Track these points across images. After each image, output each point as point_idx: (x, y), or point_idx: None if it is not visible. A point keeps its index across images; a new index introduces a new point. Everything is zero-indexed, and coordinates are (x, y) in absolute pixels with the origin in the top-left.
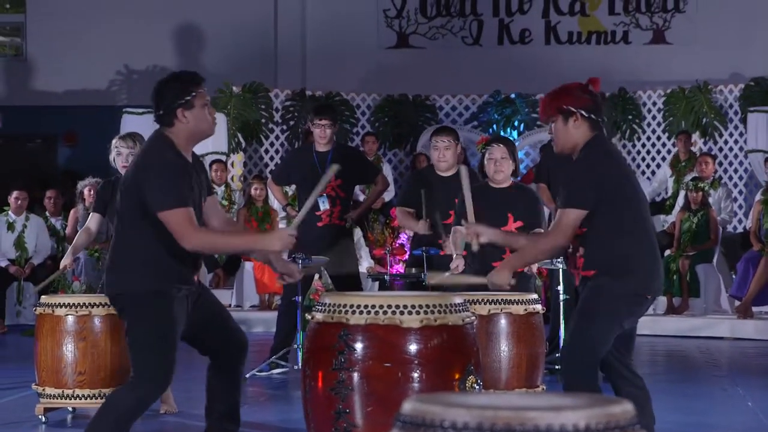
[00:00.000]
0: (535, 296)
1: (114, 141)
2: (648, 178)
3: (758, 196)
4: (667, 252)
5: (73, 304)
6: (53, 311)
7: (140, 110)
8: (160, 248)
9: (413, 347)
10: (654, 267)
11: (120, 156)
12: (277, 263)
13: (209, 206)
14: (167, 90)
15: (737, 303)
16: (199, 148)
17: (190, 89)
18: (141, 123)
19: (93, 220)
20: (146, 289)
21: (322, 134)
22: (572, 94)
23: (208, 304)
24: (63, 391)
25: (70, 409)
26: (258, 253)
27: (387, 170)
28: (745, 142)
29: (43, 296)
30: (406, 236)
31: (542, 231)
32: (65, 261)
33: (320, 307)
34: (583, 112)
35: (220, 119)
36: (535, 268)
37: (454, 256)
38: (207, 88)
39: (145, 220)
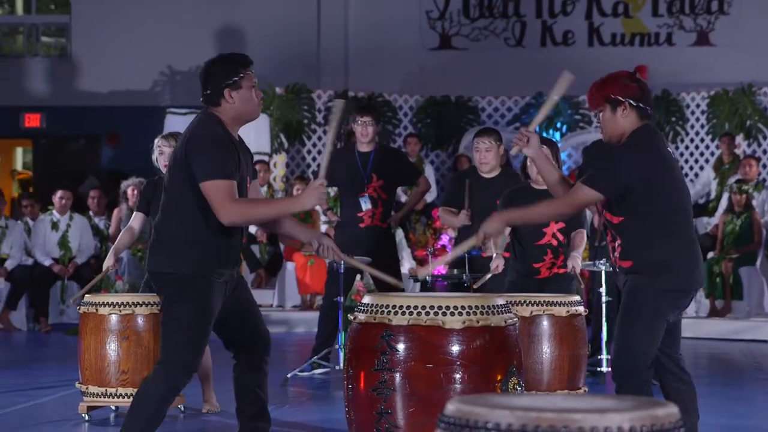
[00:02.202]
0: (577, 298)
1: (156, 140)
2: (691, 180)
3: None
4: (710, 254)
5: (117, 303)
6: (97, 310)
7: (183, 110)
8: (205, 230)
9: (455, 348)
10: (694, 262)
11: (162, 155)
12: (319, 240)
13: (252, 191)
14: (216, 70)
15: None
16: None
17: (238, 70)
18: (184, 123)
19: (136, 220)
20: (188, 272)
21: (364, 132)
22: (619, 83)
23: (242, 297)
24: (106, 390)
25: (113, 407)
26: (301, 232)
27: (429, 171)
28: None
29: (86, 295)
30: (447, 237)
31: (584, 232)
32: (108, 262)
33: (362, 308)
34: (631, 101)
35: (263, 120)
36: (578, 269)
37: (494, 255)
38: None
39: (192, 198)
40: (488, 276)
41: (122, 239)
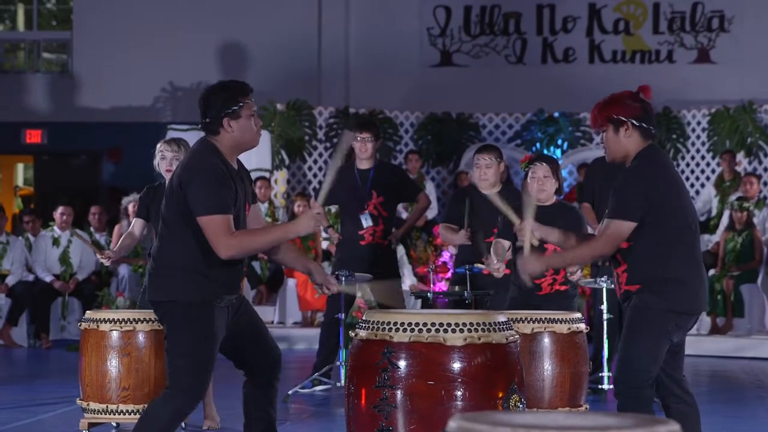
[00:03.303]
0: (578, 315)
1: (159, 145)
2: (692, 197)
3: None
4: (711, 272)
5: (118, 319)
6: (98, 326)
7: (185, 127)
8: (204, 257)
9: (457, 365)
10: (699, 282)
11: (164, 160)
12: (316, 274)
13: (252, 216)
14: (215, 98)
15: None
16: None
17: (237, 99)
18: (186, 139)
19: (136, 225)
20: (189, 299)
21: (363, 148)
22: (622, 103)
23: (247, 317)
24: (107, 406)
25: (114, 424)
26: (298, 262)
27: (430, 188)
28: None
29: (87, 311)
30: (448, 254)
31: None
32: (108, 252)
33: (364, 325)
34: (633, 121)
35: (264, 136)
36: (576, 276)
37: (495, 261)
38: None
39: (189, 226)
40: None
41: (123, 242)
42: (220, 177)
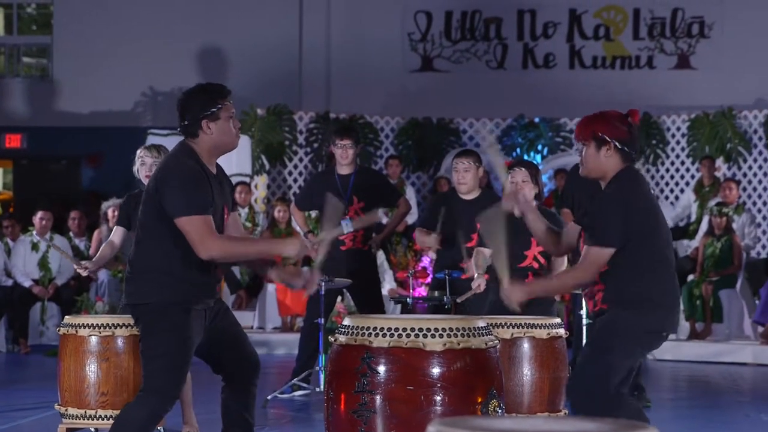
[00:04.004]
0: (558, 320)
1: (139, 151)
2: (671, 203)
3: None
4: (690, 277)
5: (97, 324)
6: (76, 331)
7: (165, 131)
8: (180, 260)
9: (436, 370)
10: (673, 303)
11: (144, 166)
12: (292, 279)
13: (230, 224)
14: (193, 101)
15: (760, 329)
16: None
17: (216, 101)
18: (166, 144)
19: (117, 234)
20: (165, 301)
21: (344, 155)
22: (610, 123)
23: (225, 321)
24: (86, 412)
25: (93, 429)
26: (275, 272)
27: (410, 193)
28: None
29: (66, 317)
30: (428, 259)
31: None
32: (86, 263)
33: (343, 330)
34: (617, 143)
35: (244, 141)
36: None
37: (476, 275)
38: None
39: (165, 229)
40: (471, 293)
41: (103, 252)
42: (195, 178)
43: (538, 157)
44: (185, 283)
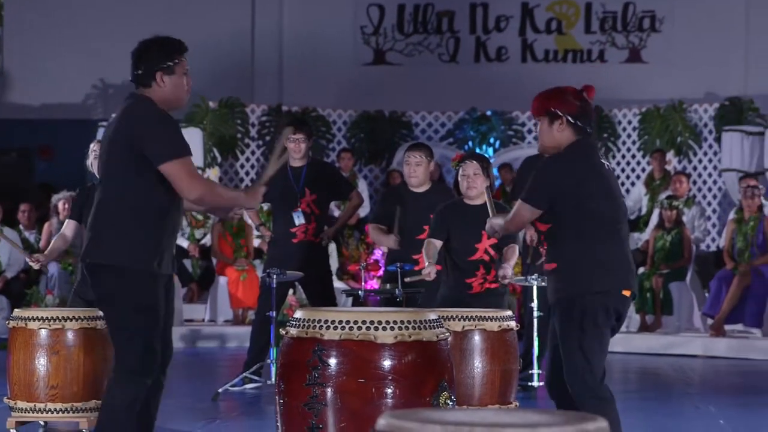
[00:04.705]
0: (509, 313)
1: (92, 145)
2: (623, 196)
3: (731, 215)
4: (641, 270)
5: (46, 317)
6: (26, 324)
7: None
8: (147, 221)
9: (387, 363)
10: (620, 264)
11: (97, 160)
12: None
13: None
14: (151, 52)
15: (710, 321)
16: None
17: (173, 55)
18: None
19: (69, 227)
20: (131, 267)
21: (296, 148)
22: (562, 99)
23: (166, 302)
24: (35, 405)
25: (42, 423)
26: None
27: (362, 186)
28: (719, 161)
29: (16, 309)
30: (380, 252)
31: (516, 247)
32: (38, 255)
33: (294, 323)
34: (569, 118)
35: (196, 134)
36: (508, 277)
37: (427, 263)
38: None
39: (136, 185)
40: (420, 277)
41: (55, 244)
42: (174, 122)
43: (490, 150)
44: (151, 246)
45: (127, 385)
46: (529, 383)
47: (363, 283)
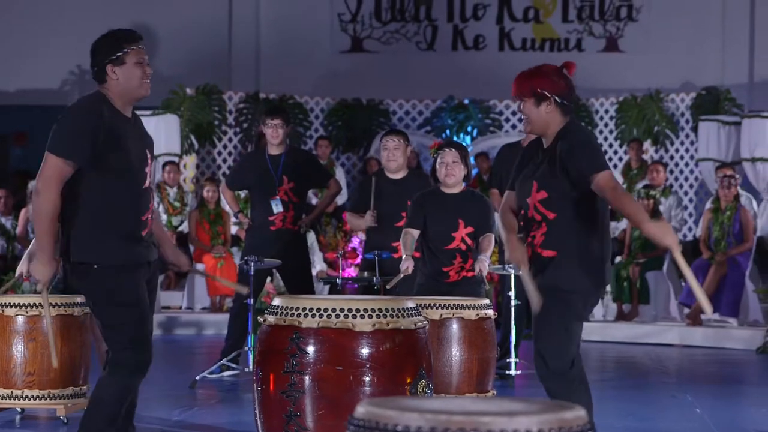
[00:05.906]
0: (486, 301)
1: None
2: None
3: (708, 205)
4: (618, 259)
5: (24, 304)
6: (3, 311)
7: None
8: (109, 214)
9: (365, 351)
10: (607, 259)
11: None
12: (166, 251)
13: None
14: (100, 46)
15: (686, 310)
16: None
17: (122, 45)
18: None
19: None
20: (111, 265)
21: (274, 134)
22: (549, 79)
23: (148, 291)
24: (12, 392)
25: (19, 409)
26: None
27: (340, 174)
28: (696, 150)
29: None
30: (358, 240)
31: (492, 236)
32: (21, 267)
33: (272, 310)
34: (557, 98)
35: (173, 121)
36: (485, 272)
37: (404, 256)
38: (161, 89)
39: (100, 181)
40: (400, 276)
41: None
42: (83, 120)
43: (468, 139)
44: (118, 237)
45: (118, 380)
46: (507, 372)
47: (341, 271)
